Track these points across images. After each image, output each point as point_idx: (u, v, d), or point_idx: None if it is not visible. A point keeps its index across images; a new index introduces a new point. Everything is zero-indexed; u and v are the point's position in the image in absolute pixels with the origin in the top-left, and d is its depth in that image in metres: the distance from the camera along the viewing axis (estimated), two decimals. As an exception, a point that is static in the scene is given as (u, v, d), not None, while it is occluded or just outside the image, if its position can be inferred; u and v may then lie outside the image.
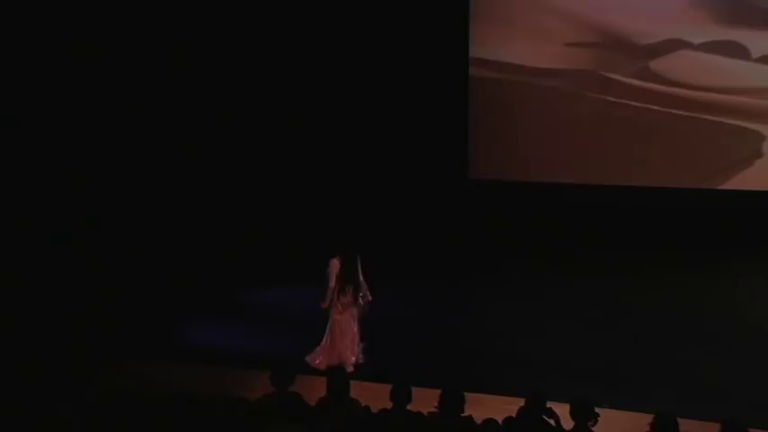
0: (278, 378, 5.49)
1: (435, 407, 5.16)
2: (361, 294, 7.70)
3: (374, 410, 5.36)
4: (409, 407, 5.27)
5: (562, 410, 5.13)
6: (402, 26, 12.78)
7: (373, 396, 5.74)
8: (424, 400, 5.36)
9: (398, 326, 8.75)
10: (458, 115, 13.05)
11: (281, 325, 8.92)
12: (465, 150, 13.12)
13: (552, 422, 5.21)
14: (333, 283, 7.62)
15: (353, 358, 7.72)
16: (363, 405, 5.45)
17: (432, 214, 12.92)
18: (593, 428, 4.94)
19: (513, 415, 5.15)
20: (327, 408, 5.32)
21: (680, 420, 4.67)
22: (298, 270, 10.69)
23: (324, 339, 7.76)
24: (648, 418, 4.69)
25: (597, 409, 4.97)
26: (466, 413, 5.17)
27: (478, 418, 5.14)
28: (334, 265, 7.65)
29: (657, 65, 12.11)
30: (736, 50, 11.68)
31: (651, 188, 12.24)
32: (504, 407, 5.58)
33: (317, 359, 7.70)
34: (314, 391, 5.77)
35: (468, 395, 5.26)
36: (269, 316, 9.28)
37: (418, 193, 12.99)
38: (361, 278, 7.72)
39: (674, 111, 12.09)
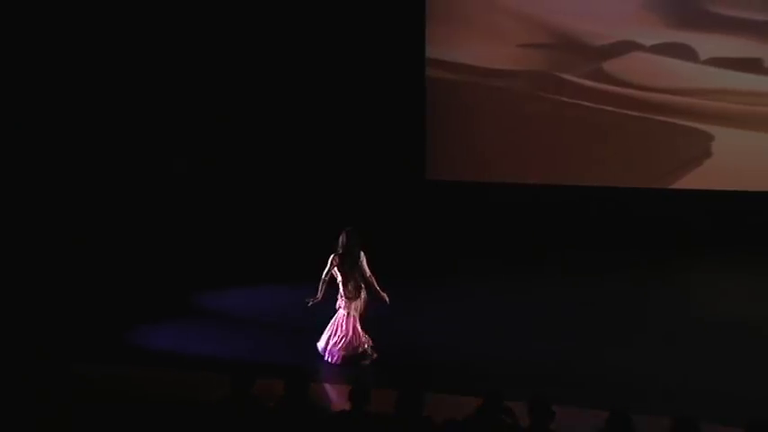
0: (237, 380, 5.46)
1: (394, 408, 5.17)
2: (362, 289, 7.71)
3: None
4: (369, 408, 5.28)
5: (519, 409, 5.18)
6: (359, 27, 12.80)
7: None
8: (383, 401, 5.37)
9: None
10: (415, 116, 13.11)
11: (239, 327, 8.86)
12: (422, 151, 13.18)
13: (510, 421, 5.26)
14: (324, 276, 7.68)
15: (343, 353, 7.70)
16: (323, 406, 5.44)
17: (389, 215, 12.95)
18: (550, 427, 5.00)
19: (471, 414, 5.19)
20: (286, 409, 5.30)
21: (633, 417, 4.75)
22: (255, 271, 10.69)
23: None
24: (604, 415, 4.76)
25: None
26: (424, 414, 5.19)
27: (437, 418, 5.17)
28: (333, 260, 7.69)
29: (610, 66, 12.31)
30: (686, 52, 11.92)
31: (604, 188, 12.43)
32: (462, 406, 5.62)
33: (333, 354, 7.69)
34: (273, 392, 5.75)
35: (426, 395, 5.28)
36: (227, 318, 9.21)
37: (376, 193, 13.02)
38: (367, 273, 7.73)
39: (626, 111, 12.30)
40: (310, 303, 7.78)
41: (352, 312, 7.74)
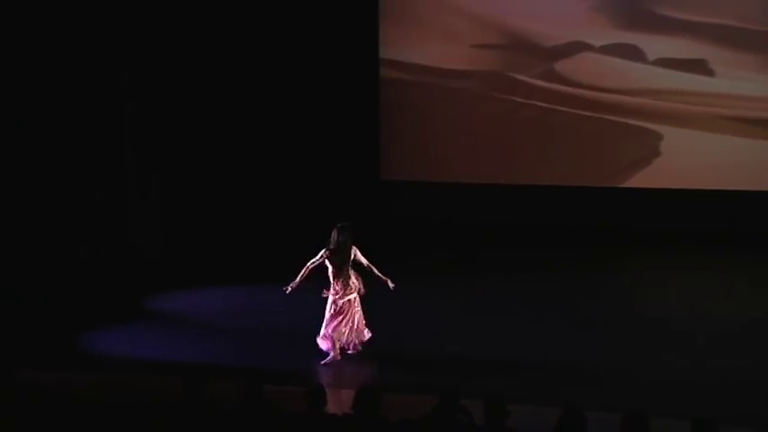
0: (189, 382, 5.41)
1: (350, 408, 5.17)
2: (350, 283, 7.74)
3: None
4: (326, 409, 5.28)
5: (475, 408, 5.22)
6: (312, 27, 12.76)
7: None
8: (340, 402, 5.37)
9: (311, 326, 8.76)
10: (369, 116, 13.13)
11: (193, 330, 8.78)
12: (376, 151, 13.21)
13: (466, 420, 5.30)
14: (309, 265, 7.74)
15: (330, 342, 7.75)
16: (279, 407, 5.42)
17: (343, 215, 12.91)
18: (505, 425, 5.05)
19: (427, 414, 5.22)
20: (241, 412, 5.27)
21: (586, 413, 4.82)
22: (210, 274, 10.61)
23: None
24: (557, 411, 4.83)
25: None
26: (381, 414, 5.20)
27: (393, 417, 5.18)
28: (324, 253, 7.73)
29: (562, 66, 12.47)
30: (634, 53, 12.13)
31: (557, 187, 12.59)
32: (417, 406, 5.64)
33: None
34: (228, 395, 5.71)
35: (382, 396, 5.29)
36: (180, 321, 9.12)
37: (330, 193, 13.00)
38: (365, 263, 7.78)
39: (578, 111, 12.47)
40: (288, 290, 7.82)
41: (343, 305, 7.78)
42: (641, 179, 12.37)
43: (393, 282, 7.82)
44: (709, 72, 11.91)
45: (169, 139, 11.47)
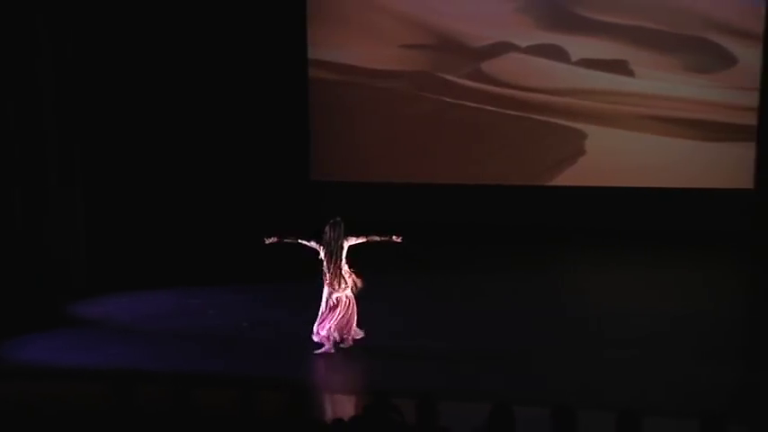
0: (115, 389, 5.29)
1: (283, 410, 5.13)
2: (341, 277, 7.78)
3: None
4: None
5: (407, 407, 5.24)
6: (240, 28, 12.64)
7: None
8: (272, 404, 5.32)
9: (245, 326, 8.68)
10: (298, 117, 13.06)
11: (121, 335, 8.58)
12: (306, 152, 13.16)
13: (398, 419, 5.31)
14: (299, 241, 7.87)
15: (324, 336, 7.80)
16: (209, 410, 5.34)
17: (274, 216, 12.85)
18: (437, 423, 5.08)
19: (359, 414, 5.21)
20: (170, 415, 5.17)
21: (515, 408, 4.89)
22: (136, 277, 10.38)
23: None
24: (488, 407, 4.88)
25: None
26: (313, 414, 5.17)
27: (325, 418, 5.16)
28: (319, 245, 7.80)
29: (489, 66, 12.63)
30: (558, 54, 12.37)
31: (486, 186, 12.74)
32: (350, 406, 5.64)
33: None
34: (154, 399, 5.60)
35: (315, 396, 5.27)
36: (107, 326, 8.90)
37: (260, 194, 12.90)
38: (363, 240, 7.88)
39: (505, 111, 12.64)
40: (267, 241, 7.99)
41: (337, 299, 7.82)
42: (567, 178, 12.61)
43: (397, 236, 7.93)
44: (630, 73, 12.22)
45: (94, 139, 11.16)
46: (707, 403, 6.21)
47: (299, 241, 7.91)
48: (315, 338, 7.89)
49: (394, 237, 7.94)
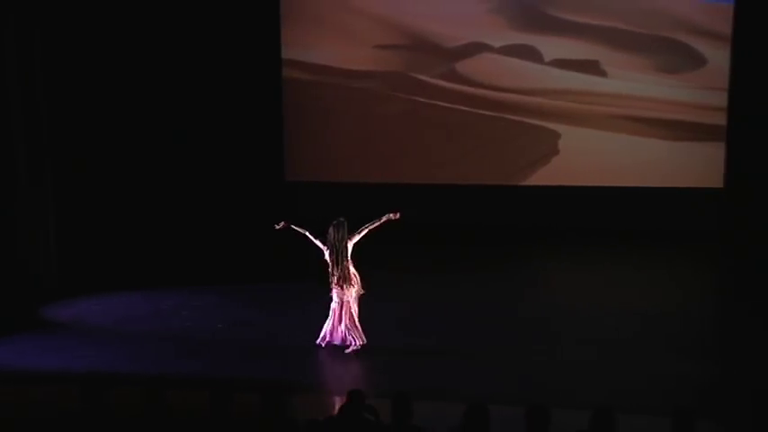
0: (87, 392, 5.24)
1: (257, 410, 5.11)
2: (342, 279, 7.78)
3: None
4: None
5: (382, 407, 5.24)
6: (214, 28, 12.58)
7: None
8: (246, 404, 5.30)
9: (219, 327, 8.64)
10: (272, 117, 13.02)
11: (92, 338, 8.50)
12: (281, 152, 13.12)
13: (373, 419, 5.31)
14: (306, 234, 7.88)
15: (326, 340, 7.84)
16: (181, 412, 5.30)
17: (248, 217, 12.81)
18: (411, 422, 5.09)
19: (334, 414, 5.21)
20: (143, 418, 5.14)
21: (491, 408, 4.91)
22: (108, 279, 10.29)
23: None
24: (462, 407, 4.90)
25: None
26: (288, 414, 5.16)
27: (300, 418, 5.15)
28: (325, 246, 7.80)
29: (462, 67, 12.67)
30: (531, 54, 12.44)
31: (459, 186, 12.78)
32: (325, 406, 5.63)
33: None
34: (127, 401, 5.55)
35: (290, 396, 5.25)
36: (78, 329, 8.81)
37: (234, 195, 12.85)
38: (365, 231, 7.87)
39: (479, 111, 12.69)
40: (278, 227, 8.04)
41: (345, 300, 7.81)
42: (540, 177, 12.69)
43: (394, 213, 7.98)
44: (602, 73, 12.33)
45: (65, 140, 11.04)
46: (678, 400, 6.27)
47: (308, 234, 7.91)
48: (336, 341, 7.85)
49: (390, 215, 7.94)
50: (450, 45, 12.62)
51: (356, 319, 7.90)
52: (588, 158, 12.51)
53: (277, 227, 8.01)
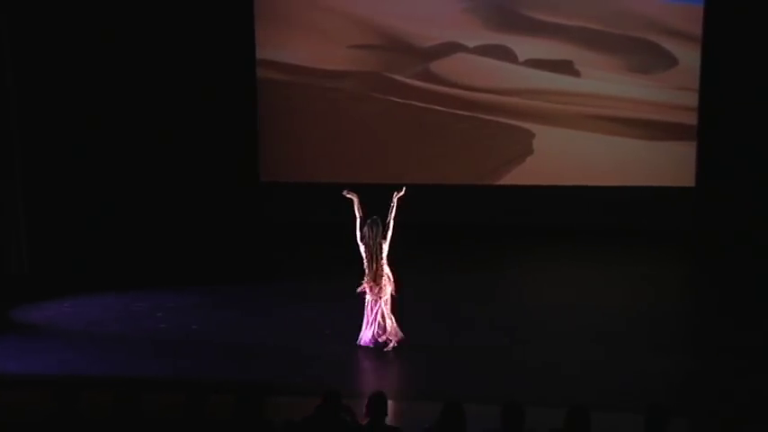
0: (59, 395, 5.18)
1: (231, 412, 5.09)
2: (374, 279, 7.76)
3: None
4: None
5: (358, 407, 5.24)
6: (187, 28, 12.50)
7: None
8: (221, 406, 5.28)
9: (188, 332, 8.59)
10: (246, 118, 12.96)
11: (65, 340, 8.40)
12: (255, 153, 13.06)
13: (349, 419, 5.31)
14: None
15: (365, 340, 7.80)
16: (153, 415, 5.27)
17: (223, 218, 12.75)
18: (386, 422, 5.09)
19: (310, 415, 5.20)
20: (113, 421, 5.10)
21: (466, 406, 4.93)
22: (81, 281, 10.18)
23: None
24: (439, 405, 4.91)
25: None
26: (264, 416, 5.14)
27: (276, 419, 5.14)
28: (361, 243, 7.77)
29: (437, 67, 12.69)
30: (506, 54, 12.49)
31: (435, 185, 12.79)
32: (300, 407, 5.61)
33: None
34: (100, 405, 5.50)
35: (265, 398, 5.23)
36: (51, 332, 8.71)
37: (209, 196, 12.78)
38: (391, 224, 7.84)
39: (454, 111, 12.72)
40: (347, 193, 8.13)
41: (378, 299, 7.79)
42: (515, 177, 12.74)
43: (398, 191, 8.14)
44: (576, 73, 12.41)
45: (35, 136, 10.92)
46: (652, 397, 6.32)
47: (359, 220, 7.94)
48: (381, 339, 7.81)
49: (396, 195, 8.05)
50: (424, 45, 12.64)
51: (388, 319, 7.84)
52: (562, 158, 12.59)
53: (346, 193, 7.94)
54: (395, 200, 7.95)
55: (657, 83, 12.22)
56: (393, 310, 7.92)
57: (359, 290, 7.86)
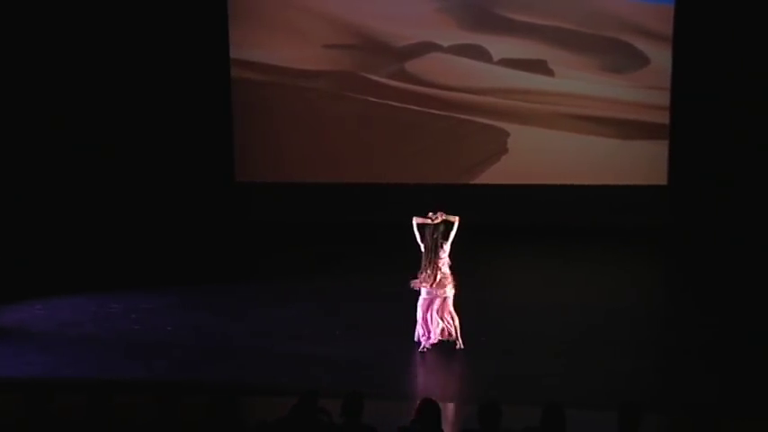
0: (30, 399, 5.13)
1: (205, 413, 5.06)
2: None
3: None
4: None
5: (334, 407, 5.23)
6: (160, 27, 12.43)
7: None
8: (195, 407, 5.25)
9: (169, 330, 8.55)
10: (221, 118, 12.90)
11: (36, 342, 8.31)
12: (230, 153, 13.01)
13: (325, 419, 5.29)
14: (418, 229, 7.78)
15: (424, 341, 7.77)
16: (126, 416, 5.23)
17: (198, 219, 12.68)
18: (362, 421, 5.09)
19: (285, 415, 5.18)
20: (86, 423, 5.05)
21: (440, 404, 4.94)
22: (52, 282, 10.07)
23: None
24: (414, 404, 4.92)
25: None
26: (238, 416, 5.11)
27: (251, 420, 5.12)
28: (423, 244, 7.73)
29: (412, 66, 12.71)
30: (480, 53, 12.54)
31: (410, 185, 12.81)
32: (276, 407, 5.59)
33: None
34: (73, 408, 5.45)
35: (239, 398, 5.21)
36: (21, 334, 8.60)
37: (184, 197, 12.71)
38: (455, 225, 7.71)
39: (429, 110, 12.74)
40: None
41: (436, 298, 7.76)
42: (490, 176, 12.79)
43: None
44: (550, 72, 12.48)
45: (4, 138, 10.80)
46: (624, 394, 6.37)
47: (415, 222, 7.88)
48: (422, 341, 7.81)
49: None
50: (399, 44, 12.65)
51: (445, 319, 7.81)
52: (537, 157, 12.65)
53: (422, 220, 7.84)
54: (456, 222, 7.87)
55: (630, 82, 12.33)
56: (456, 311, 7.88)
57: (412, 286, 7.84)
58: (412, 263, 11.16)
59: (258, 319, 8.98)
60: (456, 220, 7.85)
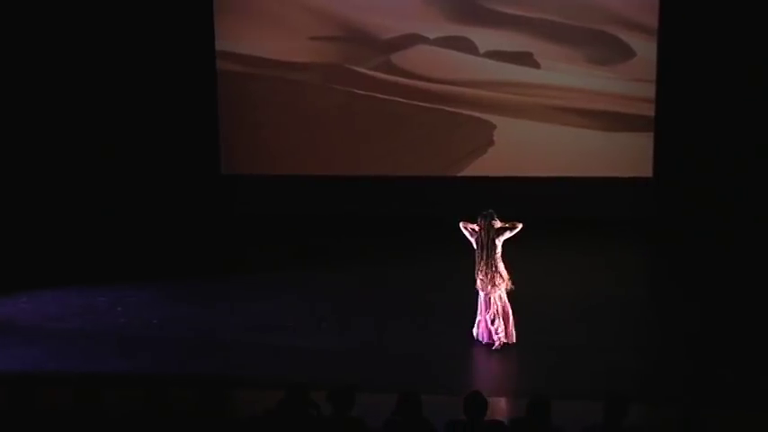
0: (15, 393, 5.11)
1: (195, 406, 5.06)
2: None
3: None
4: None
5: (322, 399, 5.24)
6: (145, 19, 12.35)
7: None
8: (183, 400, 5.24)
9: (155, 323, 8.53)
10: (207, 110, 12.85)
11: (23, 336, 8.27)
12: (216, 145, 12.97)
13: (314, 411, 5.30)
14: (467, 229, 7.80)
15: (483, 339, 7.73)
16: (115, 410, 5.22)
17: (184, 211, 12.64)
18: (351, 414, 5.10)
19: (273, 408, 5.18)
20: (72, 417, 5.04)
21: (423, 397, 4.96)
22: (39, 275, 10.03)
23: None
24: (395, 397, 4.94)
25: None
26: (227, 410, 5.12)
27: (240, 413, 5.12)
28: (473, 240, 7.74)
29: (398, 58, 12.69)
30: (466, 45, 12.53)
31: (396, 177, 12.82)
32: (265, 400, 5.59)
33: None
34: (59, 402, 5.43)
35: (229, 391, 5.21)
36: (7, 328, 8.56)
37: (170, 190, 12.67)
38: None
39: (416, 102, 12.73)
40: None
41: (491, 296, 7.70)
42: (477, 168, 12.81)
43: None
44: (536, 64, 12.49)
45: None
46: (612, 385, 6.42)
47: (461, 226, 7.87)
48: (494, 339, 7.73)
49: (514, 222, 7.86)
50: (385, 36, 12.63)
51: (499, 317, 7.75)
52: (523, 149, 12.67)
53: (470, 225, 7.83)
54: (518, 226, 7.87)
55: (615, 74, 12.36)
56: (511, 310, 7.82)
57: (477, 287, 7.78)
58: (398, 253, 11.27)
59: (244, 312, 8.97)
60: (515, 226, 7.83)
